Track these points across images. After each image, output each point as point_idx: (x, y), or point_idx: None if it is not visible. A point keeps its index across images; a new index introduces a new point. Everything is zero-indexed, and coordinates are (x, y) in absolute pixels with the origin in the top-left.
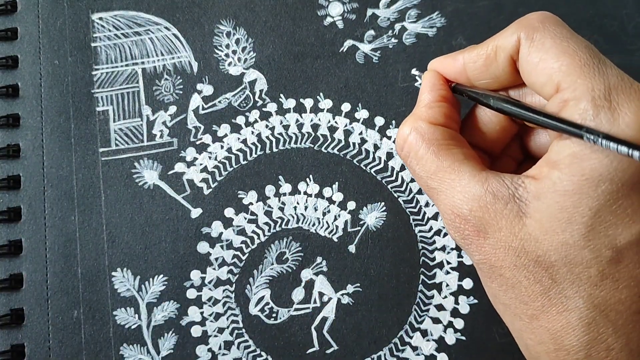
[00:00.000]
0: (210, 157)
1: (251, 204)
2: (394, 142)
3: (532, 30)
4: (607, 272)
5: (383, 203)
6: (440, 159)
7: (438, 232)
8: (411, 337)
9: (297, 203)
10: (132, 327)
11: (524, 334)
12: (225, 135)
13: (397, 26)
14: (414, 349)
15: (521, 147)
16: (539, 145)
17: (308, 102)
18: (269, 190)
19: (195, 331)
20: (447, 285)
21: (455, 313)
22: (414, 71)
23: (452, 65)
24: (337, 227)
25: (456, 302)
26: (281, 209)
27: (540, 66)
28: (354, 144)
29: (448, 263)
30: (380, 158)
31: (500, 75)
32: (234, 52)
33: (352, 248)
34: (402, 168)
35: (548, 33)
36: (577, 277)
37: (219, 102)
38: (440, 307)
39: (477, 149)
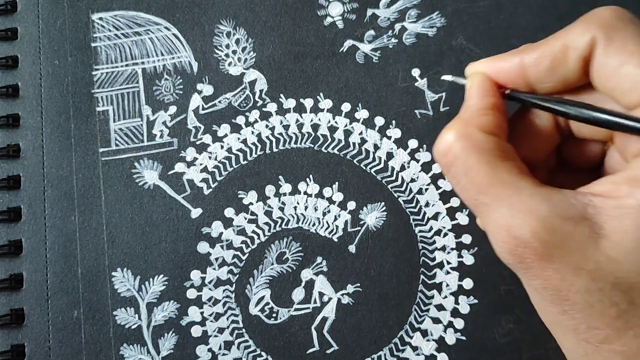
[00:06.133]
0: (210, 157)
1: (251, 204)
2: (394, 142)
3: (610, 30)
4: None
5: (383, 203)
6: (497, 171)
7: (438, 232)
8: (411, 337)
9: (297, 203)
10: (132, 327)
11: (590, 359)
12: (225, 135)
13: (397, 26)
14: (414, 349)
15: (557, 157)
16: (582, 157)
17: (308, 102)
18: (269, 190)
19: (196, 331)
20: (447, 285)
21: (455, 313)
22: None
23: (506, 68)
24: (337, 227)
25: (456, 302)
26: (281, 209)
27: (623, 71)
28: (354, 144)
29: (448, 263)
30: (380, 158)
31: (570, 77)
32: (234, 52)
33: (352, 248)
34: (402, 168)
35: (629, 34)
36: None
37: (219, 102)
38: (440, 307)
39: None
